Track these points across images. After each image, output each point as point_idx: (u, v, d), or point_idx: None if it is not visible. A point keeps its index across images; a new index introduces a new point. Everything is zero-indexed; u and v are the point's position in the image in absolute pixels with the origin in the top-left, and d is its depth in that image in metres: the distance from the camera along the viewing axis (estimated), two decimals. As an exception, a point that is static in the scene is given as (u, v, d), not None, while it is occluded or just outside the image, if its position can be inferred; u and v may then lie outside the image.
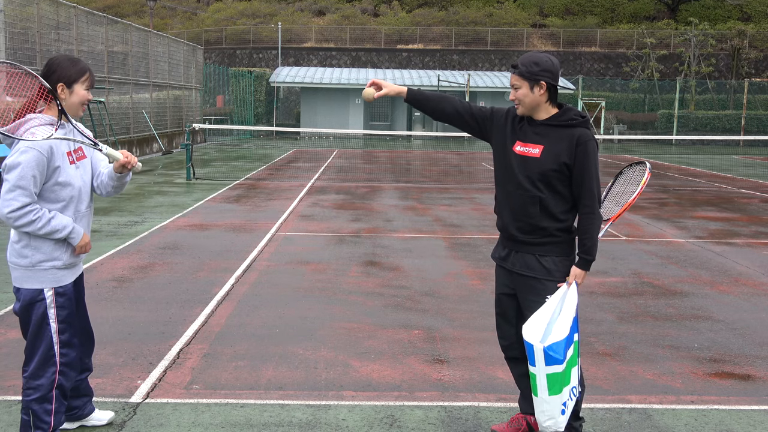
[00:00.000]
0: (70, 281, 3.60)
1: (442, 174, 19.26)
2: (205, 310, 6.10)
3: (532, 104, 3.52)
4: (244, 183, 15.78)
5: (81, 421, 3.94)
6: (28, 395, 3.44)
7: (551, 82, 3.48)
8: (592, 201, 3.50)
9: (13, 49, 15.18)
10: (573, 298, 3.46)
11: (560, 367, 3.31)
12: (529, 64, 3.49)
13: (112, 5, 52.61)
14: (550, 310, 3.43)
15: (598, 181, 3.52)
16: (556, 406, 3.37)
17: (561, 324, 3.38)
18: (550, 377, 3.33)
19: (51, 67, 3.41)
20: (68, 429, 3.91)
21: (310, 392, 4.46)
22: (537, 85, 3.47)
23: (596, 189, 3.51)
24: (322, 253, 8.54)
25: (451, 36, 48.04)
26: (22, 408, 3.47)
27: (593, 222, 3.52)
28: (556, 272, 3.55)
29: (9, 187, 3.29)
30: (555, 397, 3.35)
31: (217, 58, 47.42)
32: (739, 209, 13.05)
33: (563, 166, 3.47)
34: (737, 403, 4.44)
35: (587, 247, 3.52)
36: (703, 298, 6.86)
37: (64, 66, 3.41)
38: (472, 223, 10.96)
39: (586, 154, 3.46)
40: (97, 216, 10.87)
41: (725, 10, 50.85)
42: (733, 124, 38.17)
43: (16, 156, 3.29)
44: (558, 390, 3.34)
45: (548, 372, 3.33)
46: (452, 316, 6.11)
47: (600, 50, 47.56)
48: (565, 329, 3.36)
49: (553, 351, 3.30)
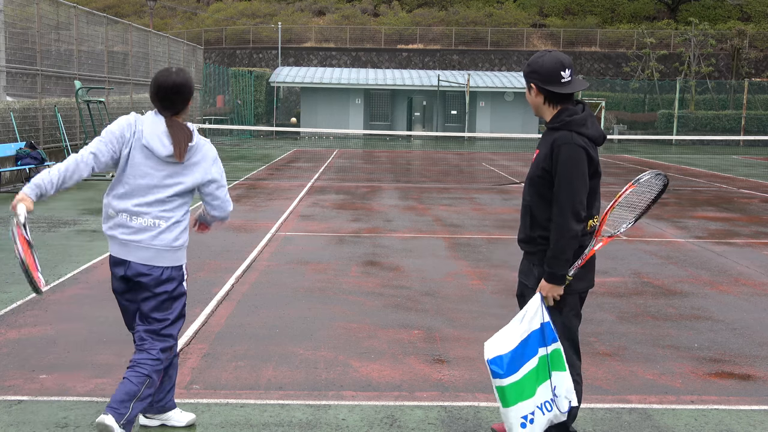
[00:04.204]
0: None
1: (442, 174, 19.26)
2: (205, 310, 6.10)
3: (533, 105, 3.51)
4: (244, 183, 15.79)
5: (162, 416, 3.93)
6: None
7: (539, 84, 3.39)
8: (560, 209, 3.32)
9: (13, 49, 15.18)
10: (534, 310, 3.34)
11: (504, 381, 3.23)
12: (525, 65, 3.47)
13: (112, 5, 52.60)
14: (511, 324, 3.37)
15: (572, 190, 3.30)
16: (513, 419, 3.29)
17: (508, 337, 3.32)
18: (499, 390, 3.28)
19: (191, 87, 3.66)
20: (149, 426, 3.93)
21: (310, 392, 4.46)
22: (529, 87, 3.47)
23: (567, 198, 3.30)
24: (322, 253, 8.55)
25: (451, 36, 48.04)
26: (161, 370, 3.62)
27: (558, 231, 3.32)
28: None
29: (226, 186, 3.79)
30: (509, 409, 3.28)
31: (217, 58, 47.42)
32: (739, 209, 13.05)
33: (544, 171, 3.40)
34: (737, 403, 4.44)
35: (548, 258, 3.35)
36: (703, 298, 6.86)
37: (192, 81, 3.72)
38: (472, 223, 10.96)
39: (558, 160, 3.32)
40: (97, 216, 10.88)
41: (725, 10, 50.84)
42: (733, 124, 38.17)
43: (215, 155, 3.72)
44: (511, 403, 3.26)
45: (495, 385, 3.29)
46: (452, 316, 6.11)
47: (600, 50, 47.56)
48: (511, 342, 3.29)
49: (495, 364, 3.25)
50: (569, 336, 3.53)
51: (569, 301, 3.48)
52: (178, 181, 3.58)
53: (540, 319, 3.33)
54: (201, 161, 3.63)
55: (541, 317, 3.34)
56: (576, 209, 3.31)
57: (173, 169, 3.58)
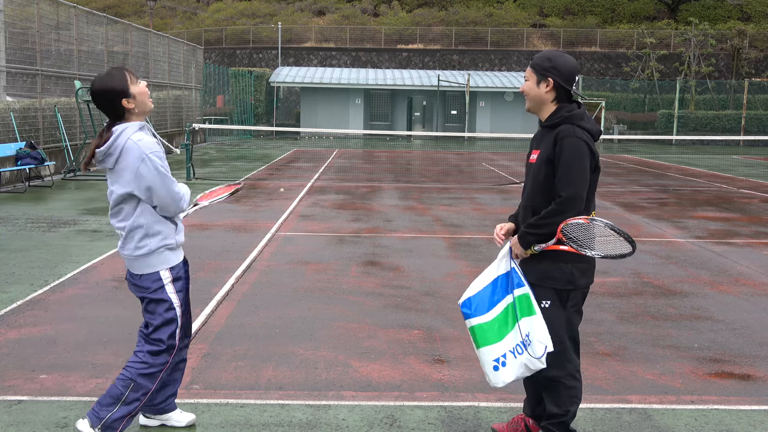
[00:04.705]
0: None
1: (442, 174, 19.26)
2: (205, 310, 6.10)
3: (535, 99, 3.49)
4: (244, 183, 15.78)
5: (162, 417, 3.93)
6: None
7: (559, 82, 3.41)
8: (561, 201, 3.32)
9: (13, 49, 15.18)
10: (502, 257, 3.51)
11: (472, 321, 3.44)
12: (543, 59, 3.45)
13: (112, 5, 52.60)
14: (483, 272, 3.57)
15: (575, 182, 3.32)
16: (485, 362, 3.46)
17: (478, 282, 3.52)
18: (470, 330, 3.49)
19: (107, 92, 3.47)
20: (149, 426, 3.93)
21: (310, 392, 4.46)
22: (544, 81, 3.44)
23: (568, 189, 3.31)
24: (322, 253, 8.54)
25: (451, 36, 48.04)
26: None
27: (550, 212, 3.34)
28: (549, 279, 3.46)
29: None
30: (481, 351, 3.47)
31: (217, 58, 47.41)
32: (739, 209, 13.05)
33: (549, 169, 3.41)
34: (737, 403, 4.44)
35: (529, 223, 3.42)
36: (703, 298, 6.86)
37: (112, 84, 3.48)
38: (472, 223, 10.96)
39: (562, 152, 3.34)
40: (97, 216, 10.88)
41: (725, 10, 50.84)
42: (733, 124, 38.16)
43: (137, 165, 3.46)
44: (481, 344, 3.44)
45: (468, 325, 3.49)
46: (452, 316, 6.11)
47: (600, 50, 47.56)
48: (479, 286, 3.50)
49: (464, 306, 3.51)
50: (570, 332, 3.53)
51: (572, 297, 3.49)
52: (111, 190, 3.55)
53: (507, 266, 3.47)
54: (124, 170, 3.46)
55: (507, 265, 3.48)
56: (575, 202, 3.34)
57: (110, 178, 3.56)
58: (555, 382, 3.50)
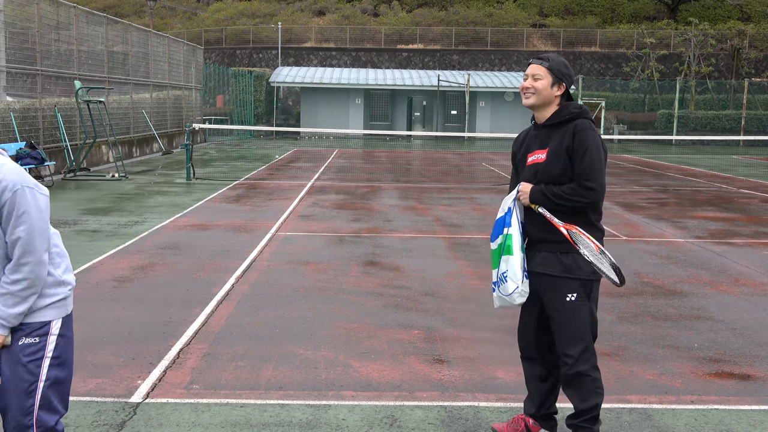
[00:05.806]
0: None
1: (442, 174, 19.26)
2: (205, 310, 6.10)
3: (546, 98, 3.59)
4: (244, 183, 15.78)
5: None
6: None
7: (569, 88, 3.64)
8: (596, 180, 3.41)
9: (13, 49, 15.18)
10: (511, 198, 3.65)
11: (491, 245, 3.68)
12: (561, 65, 3.61)
13: (112, 5, 52.59)
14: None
15: (601, 171, 3.43)
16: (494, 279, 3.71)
17: (502, 206, 3.73)
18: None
19: None
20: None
21: (310, 392, 4.46)
22: (558, 84, 3.58)
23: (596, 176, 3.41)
24: (322, 253, 8.55)
25: (451, 36, 48.03)
26: None
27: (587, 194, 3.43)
28: (575, 269, 3.52)
29: None
30: (493, 272, 3.72)
31: (217, 58, 47.41)
32: (739, 209, 13.05)
33: (566, 156, 3.48)
34: (737, 403, 4.44)
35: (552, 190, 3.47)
36: (703, 298, 6.86)
37: None
38: (472, 223, 10.96)
39: (586, 140, 3.45)
40: (97, 216, 10.88)
41: (725, 10, 50.83)
42: (733, 124, 38.15)
43: None
44: (493, 266, 3.69)
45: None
46: (452, 316, 6.11)
47: (600, 50, 47.54)
48: (499, 213, 3.73)
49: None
50: (592, 324, 3.61)
51: (595, 287, 3.62)
52: None
53: (510, 203, 3.63)
54: None
55: (512, 202, 3.63)
56: (601, 194, 3.47)
57: None
58: (582, 375, 3.58)
